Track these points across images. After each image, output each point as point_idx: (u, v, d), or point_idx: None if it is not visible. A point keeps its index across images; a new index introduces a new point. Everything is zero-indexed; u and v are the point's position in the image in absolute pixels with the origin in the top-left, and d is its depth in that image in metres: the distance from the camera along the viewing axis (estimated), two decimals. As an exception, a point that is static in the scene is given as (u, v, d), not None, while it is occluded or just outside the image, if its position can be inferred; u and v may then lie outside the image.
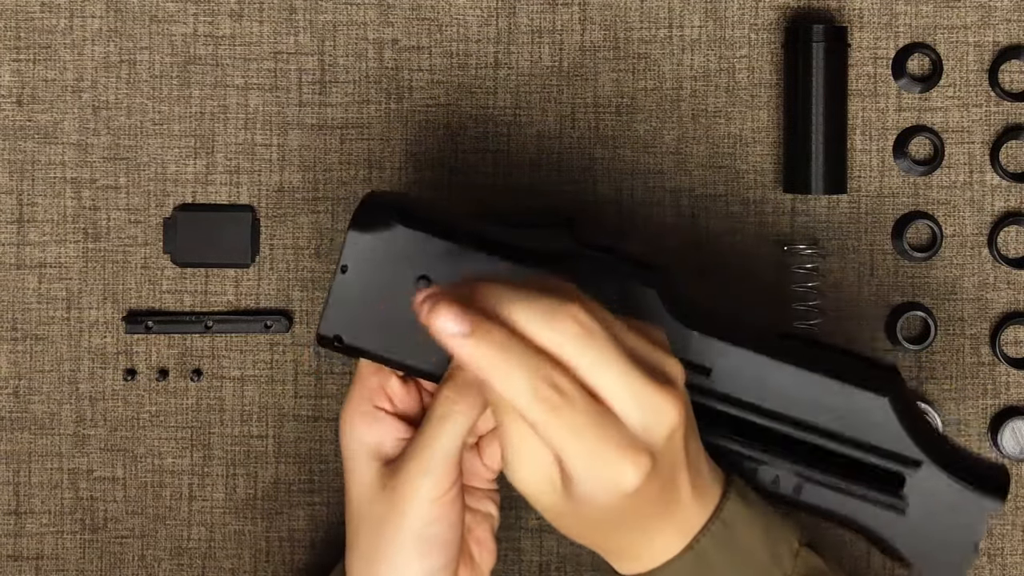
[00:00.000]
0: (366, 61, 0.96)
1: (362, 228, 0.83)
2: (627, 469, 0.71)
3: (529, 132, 0.96)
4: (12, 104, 0.95)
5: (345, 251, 0.83)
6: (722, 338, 0.81)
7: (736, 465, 0.81)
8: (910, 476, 0.81)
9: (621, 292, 0.82)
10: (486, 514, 0.86)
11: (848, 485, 0.81)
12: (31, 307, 0.95)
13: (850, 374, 0.81)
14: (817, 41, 0.93)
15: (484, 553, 0.86)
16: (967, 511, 0.81)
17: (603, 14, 0.96)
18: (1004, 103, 0.96)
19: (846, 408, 0.81)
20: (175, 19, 0.96)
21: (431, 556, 0.80)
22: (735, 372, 0.81)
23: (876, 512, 0.82)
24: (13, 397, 0.95)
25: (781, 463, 0.81)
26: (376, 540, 0.81)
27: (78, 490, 0.95)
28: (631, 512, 0.74)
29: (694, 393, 0.80)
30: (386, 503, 0.80)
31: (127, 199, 0.95)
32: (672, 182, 0.96)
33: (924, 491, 0.81)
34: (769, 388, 0.81)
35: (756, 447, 0.81)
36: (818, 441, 0.81)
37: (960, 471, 0.81)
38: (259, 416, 0.95)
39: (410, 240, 0.82)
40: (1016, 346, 0.96)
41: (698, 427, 0.78)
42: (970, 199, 0.96)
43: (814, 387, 0.81)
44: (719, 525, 0.77)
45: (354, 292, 0.83)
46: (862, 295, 0.96)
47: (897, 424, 0.81)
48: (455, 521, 0.80)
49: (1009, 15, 0.96)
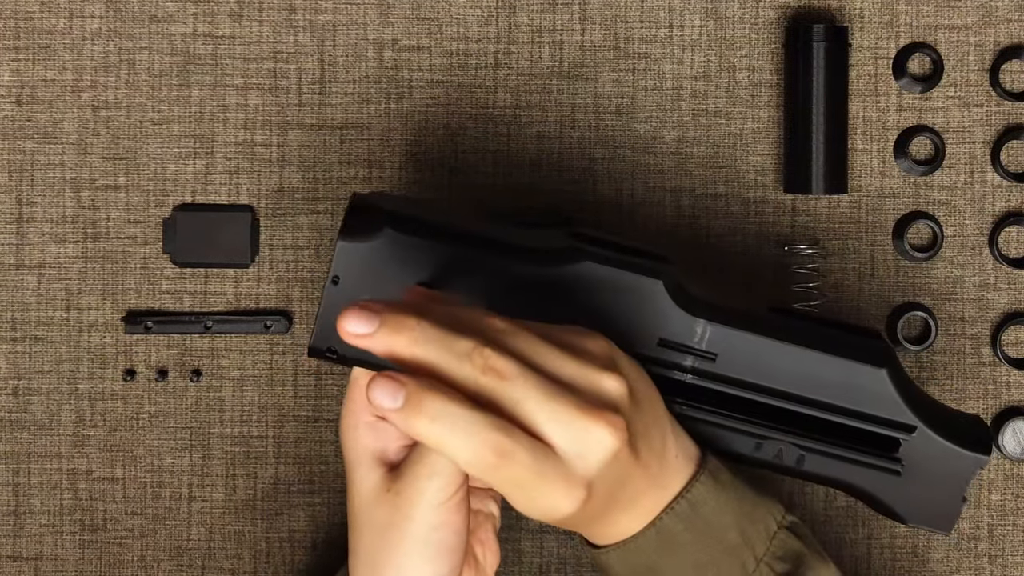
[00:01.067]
0: (366, 61, 0.96)
1: (352, 237, 0.81)
2: (560, 502, 0.74)
3: (529, 132, 0.96)
4: (11, 104, 0.95)
5: (336, 261, 0.81)
6: (725, 324, 0.83)
7: (740, 442, 0.84)
8: (905, 440, 0.84)
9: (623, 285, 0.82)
10: (488, 514, 0.86)
11: (847, 453, 0.85)
12: (30, 307, 0.95)
13: (847, 348, 0.84)
14: (818, 41, 0.93)
15: (488, 554, 0.85)
16: (957, 467, 0.85)
17: (603, 14, 0.96)
18: (1005, 103, 0.96)
19: (846, 381, 0.84)
20: (174, 19, 0.95)
21: (437, 561, 0.79)
22: (738, 355, 0.83)
23: (873, 475, 0.85)
24: (12, 397, 0.95)
25: (783, 437, 0.84)
26: (380, 546, 0.80)
27: (77, 490, 0.95)
28: (576, 519, 0.76)
29: (700, 378, 0.83)
30: (390, 508, 0.80)
31: (127, 199, 0.95)
32: (672, 182, 0.96)
33: (918, 453, 0.85)
34: (771, 368, 0.84)
35: (759, 424, 0.84)
36: (818, 414, 0.84)
37: (949, 431, 0.85)
38: (259, 416, 0.95)
39: (402, 245, 0.81)
40: (1017, 346, 0.96)
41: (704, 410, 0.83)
42: (971, 199, 0.96)
43: (814, 364, 0.84)
44: (684, 504, 0.80)
45: (346, 301, 0.81)
46: (863, 295, 0.96)
47: (894, 393, 0.84)
48: (460, 526, 0.79)
49: (1010, 15, 0.96)
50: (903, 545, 0.95)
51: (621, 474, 0.76)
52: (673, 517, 0.80)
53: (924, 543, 0.95)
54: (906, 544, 0.95)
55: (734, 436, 0.84)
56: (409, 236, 0.81)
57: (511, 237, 0.83)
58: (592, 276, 0.82)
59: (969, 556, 0.95)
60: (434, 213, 0.84)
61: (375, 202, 0.83)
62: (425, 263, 0.81)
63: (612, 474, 0.75)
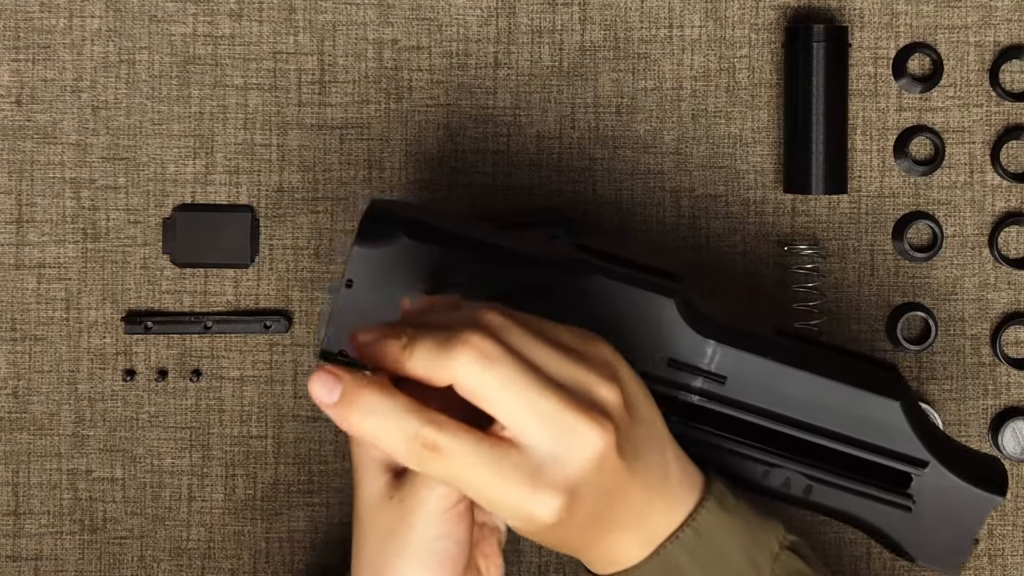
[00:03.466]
0: (366, 61, 0.96)
1: (368, 243, 0.82)
2: (532, 508, 0.72)
3: (529, 132, 0.96)
4: (11, 104, 0.95)
5: (351, 266, 0.82)
6: (736, 346, 0.82)
7: (747, 468, 0.82)
8: (917, 476, 0.83)
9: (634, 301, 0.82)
10: (493, 528, 0.85)
11: (856, 485, 0.83)
12: (30, 307, 0.95)
13: (860, 378, 0.83)
14: (817, 41, 0.93)
15: (491, 568, 0.85)
16: (970, 507, 0.83)
17: (603, 14, 0.96)
18: (1005, 103, 0.96)
19: (857, 412, 0.82)
20: (174, 19, 0.95)
21: (438, 571, 0.78)
22: (749, 379, 0.82)
23: (883, 510, 0.83)
24: (12, 398, 0.95)
25: (792, 466, 0.83)
26: (382, 552, 0.80)
27: (77, 491, 0.95)
28: (563, 534, 0.74)
29: (709, 400, 0.82)
30: (393, 514, 0.79)
31: (126, 199, 0.95)
32: (672, 182, 0.96)
33: (929, 489, 0.83)
34: (782, 394, 0.82)
35: (768, 451, 0.83)
36: (828, 444, 0.83)
37: (963, 469, 0.83)
38: (258, 416, 0.95)
39: (415, 253, 0.82)
40: (1017, 346, 0.96)
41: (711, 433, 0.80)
42: (971, 199, 0.96)
43: (826, 392, 0.82)
44: (690, 533, 0.77)
45: (358, 306, 0.82)
46: (862, 295, 0.96)
47: (907, 427, 0.82)
48: (463, 537, 0.78)
49: (1010, 15, 0.96)
50: (903, 545, 0.95)
51: (611, 486, 0.74)
52: (678, 547, 0.77)
53: (924, 543, 0.95)
54: (906, 544, 0.95)
55: (741, 462, 0.83)
56: (422, 244, 0.82)
57: (522, 247, 0.83)
58: (603, 290, 0.81)
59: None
60: (447, 222, 0.84)
61: (392, 209, 0.83)
62: (437, 271, 0.81)
63: (599, 484, 0.73)
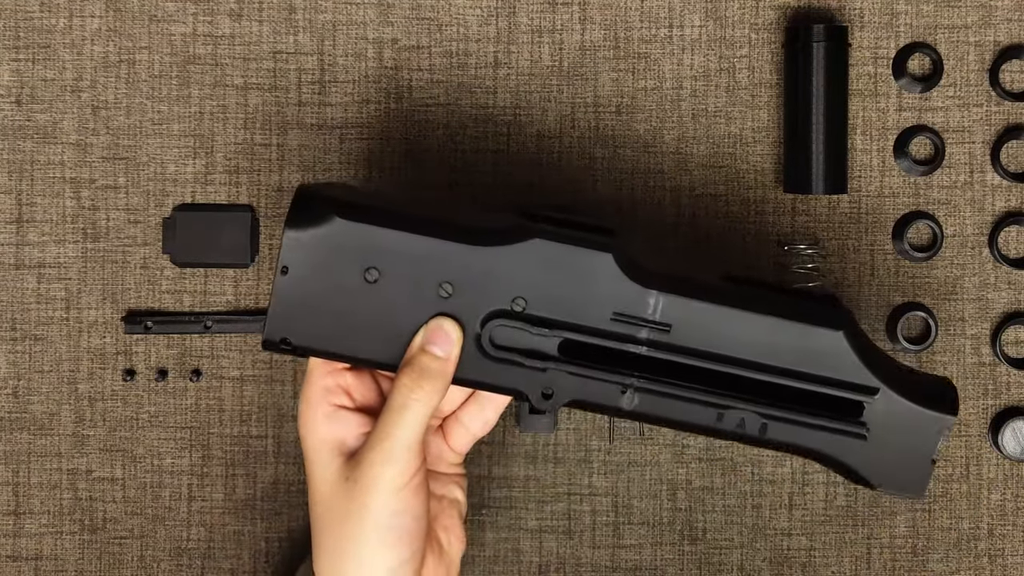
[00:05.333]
0: (366, 61, 0.96)
1: (299, 225, 0.81)
2: None
3: (529, 132, 0.96)
4: (11, 104, 0.95)
5: (283, 251, 0.81)
6: (677, 293, 0.83)
7: (700, 414, 0.84)
8: (868, 403, 0.84)
9: (573, 261, 0.82)
10: (452, 500, 0.86)
11: (810, 419, 0.84)
12: (30, 307, 0.95)
13: (802, 313, 0.84)
14: (817, 41, 0.93)
15: (453, 540, 0.85)
16: (924, 429, 0.84)
17: (603, 14, 0.96)
18: (1005, 103, 0.96)
19: (803, 345, 0.83)
20: (174, 19, 0.95)
21: (397, 547, 0.80)
22: (693, 325, 0.83)
23: (838, 440, 0.84)
24: (12, 397, 0.95)
25: (745, 406, 0.84)
26: (341, 534, 0.80)
27: (77, 490, 0.95)
28: None
29: (656, 350, 0.83)
30: (348, 496, 0.80)
31: (126, 199, 0.95)
32: (672, 182, 0.96)
33: (882, 415, 0.84)
34: (727, 336, 0.83)
35: (720, 394, 0.84)
36: (778, 380, 0.84)
37: (914, 392, 0.84)
38: (258, 416, 0.95)
39: (351, 232, 0.81)
40: (1017, 346, 0.96)
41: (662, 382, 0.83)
42: (971, 199, 0.96)
43: (769, 330, 0.83)
44: None
45: (298, 292, 0.81)
46: (862, 295, 0.96)
47: (853, 355, 0.83)
48: (420, 511, 0.80)
49: (1010, 15, 0.96)
50: (903, 545, 0.95)
51: None
52: None
53: (924, 543, 0.95)
54: (906, 544, 0.95)
55: (694, 408, 0.83)
56: (357, 223, 0.81)
57: (459, 219, 0.83)
58: (542, 253, 0.82)
59: (969, 556, 0.95)
60: (381, 200, 0.84)
61: (321, 191, 0.83)
62: (374, 249, 0.81)
63: None
